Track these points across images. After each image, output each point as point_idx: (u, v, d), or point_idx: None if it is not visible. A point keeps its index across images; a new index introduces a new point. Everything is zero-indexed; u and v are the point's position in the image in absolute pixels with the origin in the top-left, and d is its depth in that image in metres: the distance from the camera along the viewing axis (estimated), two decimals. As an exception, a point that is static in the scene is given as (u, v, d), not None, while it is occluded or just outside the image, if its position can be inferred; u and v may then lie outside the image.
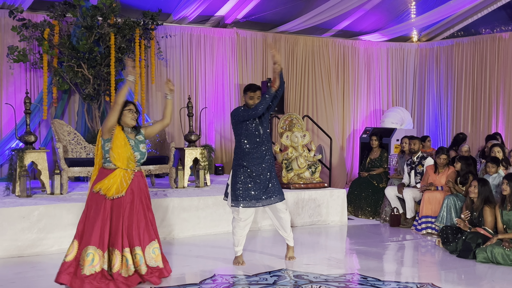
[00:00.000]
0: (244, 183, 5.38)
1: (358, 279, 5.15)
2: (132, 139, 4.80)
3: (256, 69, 10.94)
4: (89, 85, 8.45)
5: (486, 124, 11.02)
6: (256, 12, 10.35)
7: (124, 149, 4.71)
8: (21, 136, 7.16)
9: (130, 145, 4.75)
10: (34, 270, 5.36)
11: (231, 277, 5.12)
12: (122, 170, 4.72)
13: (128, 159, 4.73)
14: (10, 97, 8.70)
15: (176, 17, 9.98)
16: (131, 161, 4.75)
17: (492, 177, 6.91)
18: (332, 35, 11.82)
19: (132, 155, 4.75)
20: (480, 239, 5.96)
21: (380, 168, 8.73)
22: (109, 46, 8.44)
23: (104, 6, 8.37)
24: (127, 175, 4.74)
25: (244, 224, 5.52)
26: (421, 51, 12.47)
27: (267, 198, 5.42)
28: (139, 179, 4.83)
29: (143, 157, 4.85)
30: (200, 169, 8.01)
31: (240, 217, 5.46)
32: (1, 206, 5.98)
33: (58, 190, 6.96)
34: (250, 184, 5.38)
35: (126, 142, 4.73)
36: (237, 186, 5.40)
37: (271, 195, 5.44)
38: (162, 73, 10.03)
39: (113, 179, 4.66)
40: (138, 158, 4.80)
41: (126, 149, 4.72)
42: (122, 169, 4.72)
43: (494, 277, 5.37)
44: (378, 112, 12.37)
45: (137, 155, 4.78)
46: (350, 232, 7.54)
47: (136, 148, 4.79)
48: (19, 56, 8.24)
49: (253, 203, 5.38)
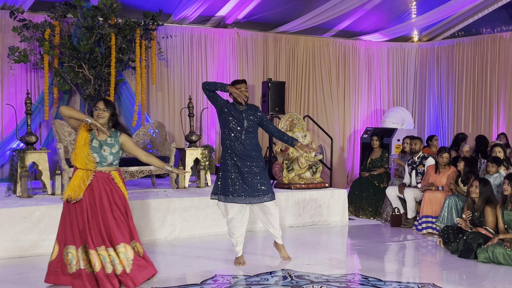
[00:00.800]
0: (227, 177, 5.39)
1: (359, 279, 5.15)
2: (98, 139, 4.67)
3: (257, 69, 10.94)
4: (90, 86, 8.46)
5: (487, 124, 11.02)
6: (256, 12, 10.35)
7: (81, 149, 4.61)
8: (22, 136, 7.16)
9: (90, 146, 4.62)
10: (35, 271, 5.36)
11: (232, 277, 5.12)
12: (81, 171, 4.64)
13: (86, 159, 4.61)
14: (11, 98, 8.70)
15: (176, 18, 9.98)
16: (89, 162, 4.62)
17: (493, 177, 6.91)
18: (332, 35, 11.82)
19: (89, 156, 4.61)
20: (481, 239, 5.95)
21: (381, 168, 8.72)
22: (109, 47, 8.45)
23: (105, 6, 8.38)
24: (86, 175, 4.64)
25: (238, 224, 5.47)
26: (421, 51, 12.46)
27: (255, 196, 5.36)
28: (100, 181, 4.67)
29: (104, 160, 4.66)
30: (201, 170, 8.01)
31: (229, 217, 5.47)
32: (2, 206, 5.98)
33: (59, 191, 6.96)
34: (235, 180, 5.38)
35: (86, 142, 4.63)
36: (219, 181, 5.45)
37: (261, 193, 5.38)
38: (163, 74, 10.03)
39: (71, 182, 4.63)
40: (98, 160, 4.65)
41: (83, 149, 4.61)
42: (82, 170, 4.64)
43: (495, 277, 5.36)
44: (379, 112, 12.37)
45: (95, 156, 4.63)
46: (351, 232, 7.54)
47: (96, 150, 4.63)
48: (20, 57, 8.24)
49: (238, 199, 5.35)
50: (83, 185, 4.60)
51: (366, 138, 10.81)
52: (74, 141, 4.71)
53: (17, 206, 6.02)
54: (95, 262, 4.56)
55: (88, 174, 4.64)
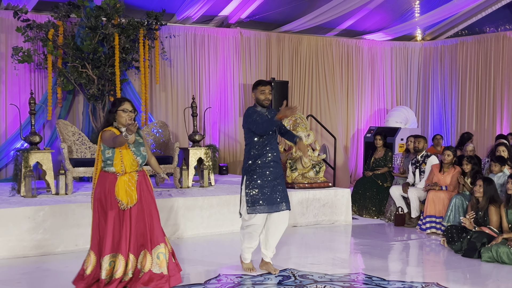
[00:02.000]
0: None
1: (363, 279, 5.15)
2: (132, 143, 4.61)
3: (260, 69, 10.94)
4: (94, 86, 8.47)
5: (490, 123, 11.00)
6: (259, 11, 10.35)
7: (126, 157, 4.55)
8: (26, 136, 7.18)
9: (131, 151, 4.59)
10: (40, 271, 5.38)
11: (236, 277, 5.12)
12: (126, 175, 4.57)
13: (131, 165, 4.59)
14: (15, 98, 8.72)
15: (180, 17, 9.99)
16: (133, 166, 4.61)
17: (497, 176, 6.90)
18: (335, 34, 11.81)
19: (134, 161, 4.60)
20: (485, 239, 5.95)
21: (385, 168, 8.71)
22: (113, 47, 8.46)
23: (108, 6, 8.39)
24: (131, 178, 4.59)
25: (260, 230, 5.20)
26: (425, 50, 12.44)
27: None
28: (142, 180, 4.69)
29: (144, 160, 4.69)
30: (204, 169, 8.02)
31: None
32: (7, 206, 6.00)
33: (63, 190, 6.98)
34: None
35: (127, 148, 4.56)
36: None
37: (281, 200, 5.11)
38: (166, 73, 10.04)
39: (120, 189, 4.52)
40: (140, 163, 4.66)
41: (128, 156, 4.55)
42: (125, 174, 4.57)
43: (499, 276, 5.36)
44: (382, 112, 12.36)
45: (139, 160, 4.63)
46: (354, 232, 7.53)
47: (137, 152, 4.62)
48: (24, 57, 8.26)
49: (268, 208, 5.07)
50: (133, 188, 4.57)
51: (370, 138, 10.80)
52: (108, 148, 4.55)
53: (21, 206, 6.04)
54: (118, 268, 4.52)
55: (133, 176, 4.61)
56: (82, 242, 6.14)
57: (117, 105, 4.56)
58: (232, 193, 7.29)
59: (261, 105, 5.17)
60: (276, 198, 5.07)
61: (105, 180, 4.56)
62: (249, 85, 10.80)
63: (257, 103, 5.19)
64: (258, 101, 5.17)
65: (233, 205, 7.11)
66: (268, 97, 5.15)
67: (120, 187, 4.52)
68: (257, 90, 5.16)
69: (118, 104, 4.56)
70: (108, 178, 4.56)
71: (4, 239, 5.78)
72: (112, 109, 4.58)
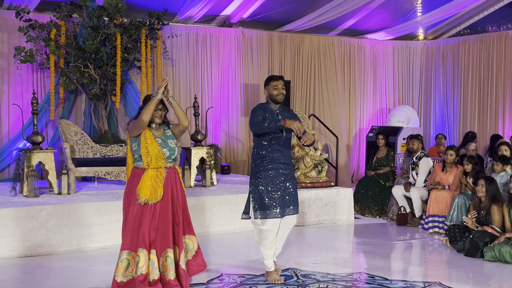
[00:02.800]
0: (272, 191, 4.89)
1: (365, 278, 5.15)
2: (159, 137, 4.59)
3: (262, 68, 10.94)
4: (96, 85, 8.48)
5: (492, 122, 10.98)
6: (261, 11, 10.35)
7: (151, 147, 4.52)
8: (28, 136, 7.19)
9: (157, 142, 4.55)
10: (43, 270, 5.38)
11: (239, 277, 5.13)
12: (152, 170, 4.52)
13: (157, 156, 4.53)
14: (17, 98, 8.73)
15: (182, 17, 9.99)
16: (160, 159, 4.55)
17: (499, 176, 6.89)
18: (338, 33, 11.81)
19: (160, 152, 4.54)
20: (487, 238, 5.94)
21: (387, 167, 8.71)
22: (115, 46, 8.46)
23: (110, 6, 8.39)
24: (159, 174, 4.54)
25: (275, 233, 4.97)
26: (427, 50, 12.43)
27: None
28: (171, 178, 4.61)
29: (173, 152, 4.62)
30: (207, 169, 8.02)
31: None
32: (9, 206, 6.01)
33: (65, 190, 6.99)
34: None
35: (152, 140, 4.54)
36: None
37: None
38: (169, 73, 10.04)
39: (144, 184, 4.47)
40: (167, 155, 4.59)
41: (153, 146, 4.52)
42: (152, 169, 4.52)
43: (502, 275, 5.35)
44: (385, 111, 12.35)
45: (165, 151, 4.57)
46: (357, 231, 7.53)
47: (164, 145, 4.57)
48: (26, 57, 8.27)
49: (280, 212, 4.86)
50: (160, 184, 4.52)
51: (372, 137, 10.80)
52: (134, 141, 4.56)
53: (24, 205, 6.05)
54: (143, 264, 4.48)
55: (161, 172, 4.55)
56: (84, 241, 6.15)
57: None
58: (234, 193, 7.29)
59: (274, 101, 4.93)
60: (286, 201, 4.86)
61: (134, 175, 4.56)
62: (251, 84, 10.80)
63: (270, 99, 4.95)
64: (271, 97, 4.93)
65: (235, 205, 7.11)
66: (281, 92, 4.93)
67: (144, 181, 4.48)
68: (270, 86, 4.93)
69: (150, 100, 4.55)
70: (137, 174, 4.55)
71: (7, 239, 5.79)
72: (143, 105, 4.58)
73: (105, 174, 7.28)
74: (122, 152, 7.89)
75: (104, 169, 7.27)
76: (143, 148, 4.52)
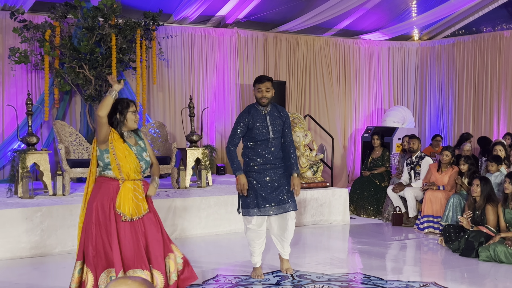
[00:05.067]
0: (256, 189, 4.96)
1: (361, 279, 5.15)
2: (134, 146, 4.10)
3: (257, 69, 10.94)
4: (91, 86, 8.46)
5: (487, 123, 11.01)
6: (257, 12, 10.35)
7: (127, 160, 4.00)
8: (23, 137, 7.17)
9: (135, 154, 4.07)
10: (37, 272, 5.37)
11: (234, 278, 5.12)
12: (129, 183, 4.01)
13: (135, 170, 4.04)
14: (12, 99, 8.70)
15: (177, 18, 9.98)
16: (136, 173, 4.06)
17: (494, 176, 6.91)
18: (333, 34, 11.82)
19: (138, 166, 4.06)
20: (482, 238, 5.95)
21: (382, 167, 8.72)
22: (110, 47, 8.45)
23: (105, 7, 8.38)
24: (137, 186, 4.06)
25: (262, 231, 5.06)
26: (422, 50, 12.46)
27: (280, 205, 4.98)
28: (145, 189, 4.19)
29: (148, 166, 4.17)
30: (202, 169, 8.01)
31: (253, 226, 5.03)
32: (4, 207, 5.99)
33: (60, 191, 6.97)
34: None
35: (129, 152, 4.04)
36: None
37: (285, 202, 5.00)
38: (164, 74, 10.03)
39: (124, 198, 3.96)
40: (144, 168, 4.13)
41: (130, 159, 4.01)
42: (129, 181, 4.02)
43: (497, 275, 5.37)
44: (380, 111, 12.37)
45: (142, 164, 4.10)
46: (352, 232, 7.54)
47: (140, 157, 4.09)
48: (21, 58, 8.24)
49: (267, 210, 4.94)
50: (141, 197, 4.06)
51: (367, 137, 10.81)
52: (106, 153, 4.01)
53: (19, 207, 6.03)
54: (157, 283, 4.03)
55: (138, 184, 4.08)
56: (79, 243, 6.13)
57: (126, 106, 4.10)
58: (230, 193, 7.29)
59: (259, 103, 4.96)
60: (270, 200, 4.93)
61: (106, 186, 4.00)
62: (247, 85, 10.80)
63: (256, 101, 4.99)
64: (256, 99, 4.96)
65: (230, 205, 7.11)
66: (264, 95, 4.88)
67: (123, 197, 3.97)
68: (255, 88, 4.94)
69: (127, 105, 4.11)
70: (108, 185, 4.00)
71: (1, 241, 5.77)
72: (122, 111, 4.09)
73: (100, 175, 7.25)
74: (117, 153, 7.86)
75: (99, 170, 7.24)
76: (120, 161, 3.99)
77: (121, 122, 4.09)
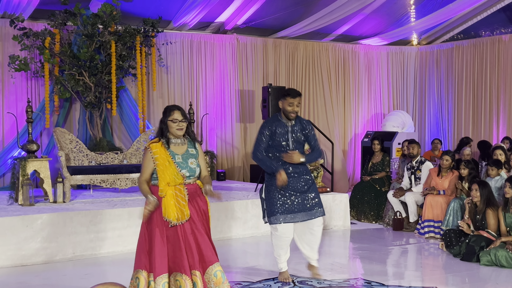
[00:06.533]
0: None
1: (362, 284, 5.14)
2: (179, 154, 4.09)
3: (257, 75, 10.96)
4: (91, 93, 8.48)
5: (487, 127, 11.02)
6: (256, 17, 10.37)
7: (168, 169, 4.02)
8: (23, 144, 7.17)
9: (175, 163, 4.04)
10: (38, 279, 5.36)
11: (235, 284, 5.11)
12: (171, 188, 4.02)
13: (175, 178, 4.03)
14: (12, 106, 8.72)
15: (176, 24, 10.01)
16: (178, 179, 4.05)
17: (494, 180, 6.91)
18: (332, 39, 11.85)
19: (178, 175, 4.03)
20: (483, 242, 5.95)
21: (382, 172, 8.72)
22: (110, 54, 8.47)
23: (105, 14, 8.40)
24: (179, 191, 4.05)
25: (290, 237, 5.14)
26: (421, 55, 12.48)
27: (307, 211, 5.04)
28: (194, 193, 4.13)
29: (194, 174, 4.10)
30: (202, 176, 7.99)
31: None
32: (4, 215, 5.98)
33: (60, 198, 6.96)
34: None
35: (170, 161, 4.04)
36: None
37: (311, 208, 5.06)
38: (163, 80, 10.04)
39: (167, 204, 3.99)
40: (187, 175, 4.07)
41: (170, 169, 4.02)
42: (171, 187, 4.02)
43: (498, 280, 5.36)
44: (379, 116, 12.38)
45: (184, 172, 4.05)
46: (353, 237, 7.53)
47: (183, 165, 4.05)
48: (21, 65, 8.26)
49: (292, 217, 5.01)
50: (184, 202, 4.04)
51: (367, 142, 10.82)
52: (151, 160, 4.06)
53: (19, 214, 6.02)
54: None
55: (180, 189, 4.06)
56: (79, 250, 6.13)
57: (167, 115, 4.11)
58: (231, 199, 7.29)
59: (286, 116, 5.03)
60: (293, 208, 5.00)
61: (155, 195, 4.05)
62: (246, 91, 10.81)
63: (283, 113, 5.04)
64: (284, 112, 5.02)
65: (231, 211, 7.10)
66: (295, 109, 4.98)
67: (167, 204, 3.99)
68: (285, 101, 4.98)
69: (168, 114, 4.11)
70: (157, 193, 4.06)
71: (2, 248, 5.76)
72: (163, 119, 4.13)
73: (101, 182, 7.26)
74: (118, 159, 7.88)
75: (100, 177, 7.25)
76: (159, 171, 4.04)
77: (165, 129, 4.13)
